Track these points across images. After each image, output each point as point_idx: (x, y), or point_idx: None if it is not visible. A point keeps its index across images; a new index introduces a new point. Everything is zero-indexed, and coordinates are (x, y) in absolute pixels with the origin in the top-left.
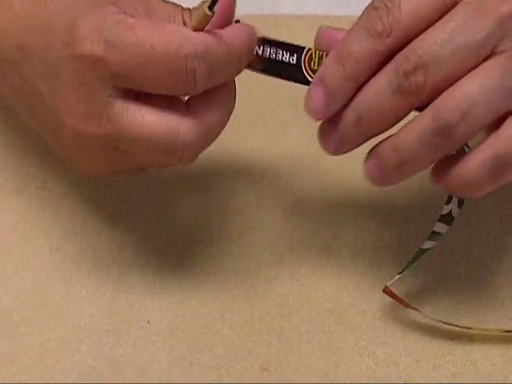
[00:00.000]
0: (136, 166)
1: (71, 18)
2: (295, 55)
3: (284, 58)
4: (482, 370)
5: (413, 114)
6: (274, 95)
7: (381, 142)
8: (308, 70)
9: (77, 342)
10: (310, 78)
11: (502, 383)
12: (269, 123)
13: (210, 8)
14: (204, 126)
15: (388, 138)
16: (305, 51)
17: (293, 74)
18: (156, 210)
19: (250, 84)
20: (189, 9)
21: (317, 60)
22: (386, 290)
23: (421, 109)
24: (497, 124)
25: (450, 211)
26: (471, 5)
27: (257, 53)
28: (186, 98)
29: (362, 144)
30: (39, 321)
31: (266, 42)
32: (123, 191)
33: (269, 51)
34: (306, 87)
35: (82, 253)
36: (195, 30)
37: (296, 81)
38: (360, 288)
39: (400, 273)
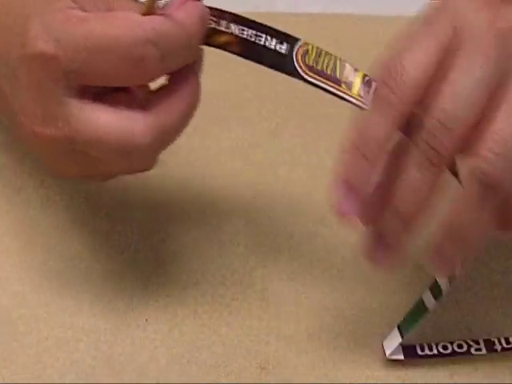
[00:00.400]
0: (102, 170)
1: (24, 19)
2: (285, 44)
3: (269, 44)
4: (481, 369)
5: None
6: (272, 93)
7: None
8: (301, 63)
9: (75, 340)
10: (303, 74)
11: (500, 383)
12: (265, 121)
13: None
14: (160, 126)
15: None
16: (299, 43)
17: (280, 64)
18: (153, 208)
19: (247, 82)
20: None
21: (314, 56)
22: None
23: None
24: None
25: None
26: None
27: (232, 33)
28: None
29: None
30: (37, 320)
31: (243, 21)
32: (121, 190)
33: (249, 33)
34: (302, 82)
35: (80, 251)
36: (146, 14)
37: (282, 71)
38: (358, 287)
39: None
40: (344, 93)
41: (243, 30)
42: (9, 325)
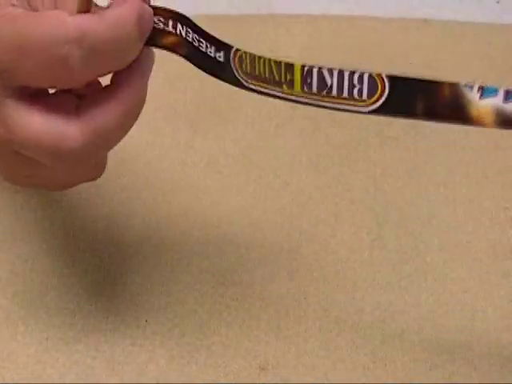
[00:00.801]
0: (47, 177)
1: None
2: (222, 52)
3: (209, 52)
4: (480, 369)
5: None
6: None
7: None
8: (240, 72)
9: (75, 341)
10: (245, 83)
11: (499, 383)
12: (265, 122)
13: None
14: (95, 130)
15: None
16: (233, 50)
17: (221, 72)
18: (154, 208)
19: None
20: None
21: (249, 62)
22: None
23: None
24: None
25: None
26: None
27: (180, 33)
28: None
29: None
30: (37, 320)
31: (188, 22)
32: (122, 190)
33: (191, 36)
34: None
35: (80, 252)
36: (79, 12)
37: (223, 80)
38: (357, 287)
39: None
40: (288, 94)
41: (188, 32)
42: (9, 325)
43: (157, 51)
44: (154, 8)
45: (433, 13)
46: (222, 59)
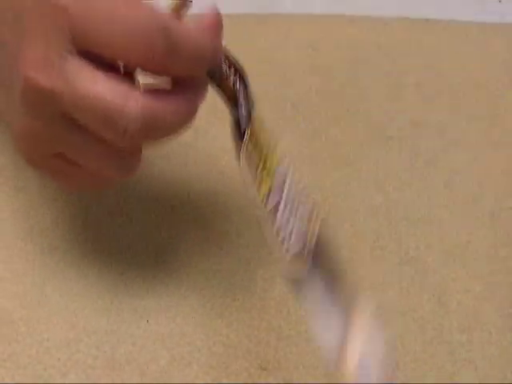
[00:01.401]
0: (77, 159)
1: None
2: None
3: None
4: (481, 369)
5: None
6: (273, 94)
7: None
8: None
9: (76, 341)
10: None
11: (501, 383)
12: (265, 122)
13: None
14: (154, 113)
15: None
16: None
17: (235, 131)
18: (154, 209)
19: None
20: None
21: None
22: None
23: None
24: None
25: None
26: None
27: (235, 88)
28: None
29: None
30: (39, 320)
31: (244, 81)
32: (123, 190)
33: (241, 96)
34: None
35: (82, 252)
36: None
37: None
38: (357, 287)
39: None
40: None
41: (240, 90)
42: (10, 325)
43: None
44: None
45: (434, 12)
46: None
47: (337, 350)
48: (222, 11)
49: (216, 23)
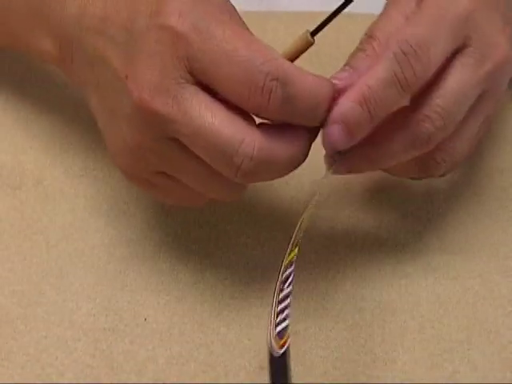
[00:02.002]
0: (180, 176)
1: None
2: None
3: None
4: (480, 368)
5: None
6: None
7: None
8: None
9: (74, 339)
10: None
11: (500, 383)
12: None
13: (313, 34)
14: (269, 152)
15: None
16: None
17: None
18: (153, 207)
19: None
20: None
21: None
22: None
23: None
24: None
25: None
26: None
27: None
28: None
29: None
30: (36, 319)
31: None
32: (120, 188)
33: None
34: None
35: (79, 250)
36: (286, 55)
37: None
38: (357, 286)
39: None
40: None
41: None
42: (7, 324)
43: None
44: None
45: None
46: None
47: None
48: None
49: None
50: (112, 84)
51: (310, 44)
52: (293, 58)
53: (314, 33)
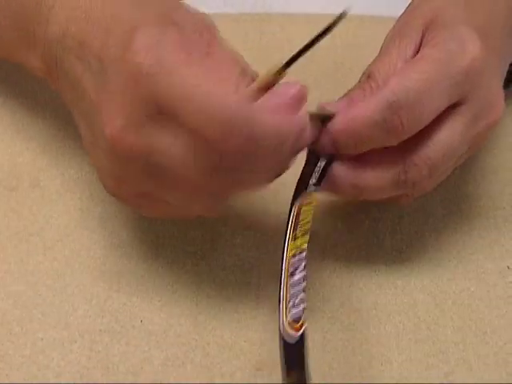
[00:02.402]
0: (165, 207)
1: (129, 25)
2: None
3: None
4: (476, 369)
5: None
6: None
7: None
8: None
9: (70, 341)
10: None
11: (497, 383)
12: None
13: (286, 66)
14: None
15: None
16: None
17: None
18: None
19: None
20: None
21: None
22: None
23: None
24: None
25: None
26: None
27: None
28: None
29: None
30: (32, 320)
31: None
32: None
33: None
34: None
35: (76, 252)
36: (258, 88)
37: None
38: (353, 287)
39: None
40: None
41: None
42: (3, 325)
43: None
44: None
45: None
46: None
47: None
48: (221, 10)
49: (300, 99)
50: (89, 113)
51: (281, 78)
52: (264, 90)
53: (287, 63)
